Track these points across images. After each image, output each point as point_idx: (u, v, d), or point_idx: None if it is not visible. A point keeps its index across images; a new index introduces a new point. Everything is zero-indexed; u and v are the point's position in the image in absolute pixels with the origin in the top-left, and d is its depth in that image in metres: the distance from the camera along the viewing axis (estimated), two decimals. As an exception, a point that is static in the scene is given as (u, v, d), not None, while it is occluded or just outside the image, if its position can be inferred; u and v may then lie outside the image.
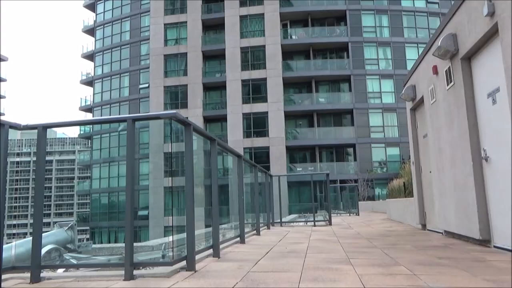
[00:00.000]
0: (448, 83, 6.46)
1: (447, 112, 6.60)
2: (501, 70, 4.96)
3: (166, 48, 35.20)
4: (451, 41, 6.11)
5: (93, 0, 42.61)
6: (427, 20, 34.27)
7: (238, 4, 34.80)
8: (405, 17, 34.18)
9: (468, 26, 5.74)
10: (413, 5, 34.36)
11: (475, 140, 5.64)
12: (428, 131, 7.90)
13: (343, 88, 33.77)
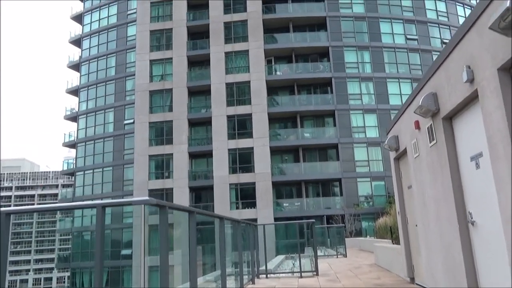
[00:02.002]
0: (431, 140, 6.46)
1: (431, 169, 6.57)
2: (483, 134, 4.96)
3: (152, 84, 35.30)
4: (432, 100, 6.15)
5: (79, 36, 42.86)
6: (407, 55, 35.28)
7: (223, 41, 35.40)
8: (385, 53, 35.15)
9: (448, 88, 5.79)
10: (393, 42, 35.42)
11: (460, 202, 5.58)
12: (412, 183, 7.86)
13: (327, 123, 34.13)
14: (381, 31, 35.49)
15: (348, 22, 35.59)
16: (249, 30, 35.24)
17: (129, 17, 40.55)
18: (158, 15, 37.65)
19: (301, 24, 36.35)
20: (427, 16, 36.48)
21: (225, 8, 36.34)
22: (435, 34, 36.19)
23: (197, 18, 37.16)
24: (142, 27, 36.93)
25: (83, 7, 43.73)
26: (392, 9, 36.17)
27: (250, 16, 35.54)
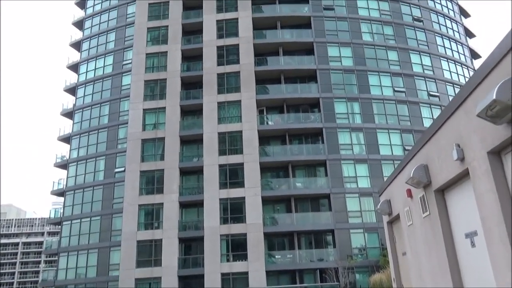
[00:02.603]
0: (424, 211, 6.47)
1: (425, 240, 6.52)
2: (476, 212, 4.97)
3: (144, 133, 35.43)
4: (423, 172, 6.22)
5: (74, 85, 43.42)
6: (396, 107, 36.14)
7: (216, 91, 36.07)
8: (375, 105, 35.98)
9: (439, 162, 5.87)
10: (381, 93, 36.39)
11: (457, 279, 5.49)
12: (407, 250, 7.76)
13: (319, 173, 34.20)
14: (370, 83, 36.55)
15: (338, 74, 36.69)
16: (242, 81, 36.07)
17: (124, 67, 41.36)
18: (153, 65, 38.52)
19: (292, 76, 37.36)
20: (413, 70, 37.82)
21: (218, 60, 37.37)
22: (422, 86, 37.36)
23: (191, 69, 38.05)
24: (137, 77, 37.63)
25: (80, 56, 44.66)
26: (379, 63, 37.49)
27: (243, 68, 36.51)
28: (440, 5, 43.08)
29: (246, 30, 37.93)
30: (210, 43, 37.87)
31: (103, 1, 45.27)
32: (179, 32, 38.93)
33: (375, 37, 38.73)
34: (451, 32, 42.31)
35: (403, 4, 40.58)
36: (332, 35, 38.23)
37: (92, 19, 45.18)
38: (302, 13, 39.18)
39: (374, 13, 39.57)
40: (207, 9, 39.28)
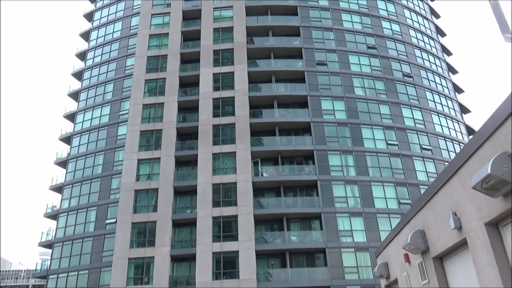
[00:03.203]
0: (423, 278, 6.31)
1: (426, 309, 6.30)
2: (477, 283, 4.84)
3: (138, 183, 35.13)
4: (420, 238, 6.14)
5: (70, 134, 43.57)
6: (389, 160, 36.41)
7: (211, 142, 36.31)
8: (368, 157, 36.25)
9: (436, 229, 5.81)
10: (375, 146, 36.79)
11: None
12: (407, 317, 7.47)
13: (314, 226, 33.69)
14: (363, 136, 37.05)
15: (331, 127, 37.26)
16: (237, 132, 36.45)
17: (121, 117, 41.77)
18: (149, 116, 39.00)
19: (287, 128, 37.87)
20: (405, 123, 38.55)
21: (214, 111, 37.98)
22: (414, 140, 37.91)
23: (187, 120, 38.54)
24: (133, 127, 37.94)
25: (77, 106, 45.20)
26: (372, 116, 38.25)
27: (238, 120, 37.04)
28: (429, 62, 44.79)
29: (241, 83, 38.91)
30: (206, 95, 38.66)
31: (103, 53, 46.57)
32: (176, 84, 39.83)
33: (367, 91, 39.81)
34: (440, 87, 43.69)
35: (393, 61, 42.14)
36: (326, 89, 39.26)
37: (91, 70, 46.26)
38: (296, 67, 40.48)
39: (365, 69, 40.95)
40: (204, 62, 40.51)
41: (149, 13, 44.48)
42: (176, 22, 43.31)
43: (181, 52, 41.54)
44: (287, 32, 42.40)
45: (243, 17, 42.48)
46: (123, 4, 47.56)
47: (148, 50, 42.19)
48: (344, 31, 42.66)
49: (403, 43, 43.79)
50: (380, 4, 45.63)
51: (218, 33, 42.27)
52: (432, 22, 50.09)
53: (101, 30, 47.73)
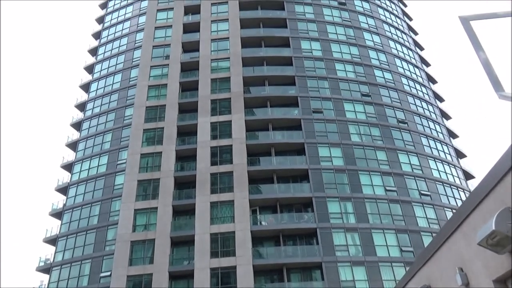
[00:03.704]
0: (433, 337, 6.08)
1: None
2: None
3: (134, 234, 34.48)
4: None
5: (66, 184, 43.29)
6: (389, 206, 36.12)
7: (209, 191, 36.10)
8: (367, 204, 35.98)
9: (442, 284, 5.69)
10: (373, 193, 36.62)
11: None
12: None
13: (315, 276, 32.76)
14: (361, 183, 37.00)
15: (329, 174, 37.29)
16: (235, 181, 36.34)
17: (118, 166, 41.71)
18: (147, 165, 39.03)
19: (285, 176, 37.86)
20: (403, 169, 38.66)
21: (212, 159, 38.10)
22: (412, 185, 37.85)
23: (185, 168, 38.57)
24: (130, 177, 37.82)
25: (75, 156, 45.25)
26: (369, 162, 38.42)
27: (236, 168, 37.08)
28: (422, 108, 45.74)
29: (239, 131, 39.36)
30: (204, 144, 38.95)
31: (102, 104, 47.32)
32: (174, 133, 40.22)
33: (363, 138, 40.27)
34: (435, 133, 44.31)
35: (387, 108, 43.01)
36: (322, 136, 39.70)
37: (90, 120, 46.79)
38: (292, 115, 41.16)
39: (360, 116, 41.69)
40: (201, 112, 41.19)
41: (148, 65, 45.83)
42: (174, 73, 44.52)
43: (179, 102, 42.35)
44: (283, 81, 43.58)
45: (239, 67, 43.77)
46: (123, 57, 49.03)
47: (147, 100, 43.03)
48: (338, 79, 43.87)
49: (396, 90, 44.94)
50: (372, 53, 47.30)
51: (216, 83, 43.36)
52: (423, 70, 51.73)
53: (101, 82, 48.84)
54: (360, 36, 48.32)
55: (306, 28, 47.63)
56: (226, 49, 45.88)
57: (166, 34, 48.53)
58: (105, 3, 57.29)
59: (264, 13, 48.54)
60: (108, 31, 52.95)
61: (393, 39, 50.86)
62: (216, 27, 47.97)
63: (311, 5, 49.73)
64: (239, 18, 47.67)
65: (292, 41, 45.98)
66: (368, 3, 52.54)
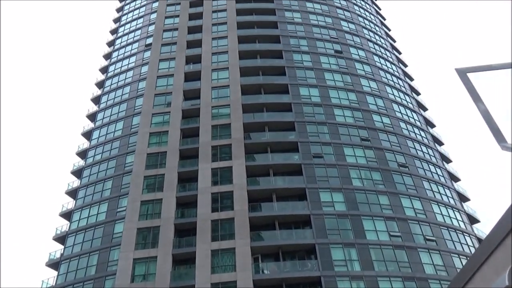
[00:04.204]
0: None
1: None
2: None
3: (132, 285, 33.48)
4: None
5: (65, 233, 42.57)
6: (394, 252, 35.32)
7: (210, 238, 35.45)
8: (372, 250, 35.20)
9: None
10: (377, 239, 35.93)
11: None
12: None
13: (321, 329, 31.39)
14: (365, 228, 36.41)
15: (332, 219, 36.78)
16: (236, 227, 35.79)
17: (118, 214, 41.20)
18: (147, 213, 38.59)
19: (287, 222, 37.33)
20: (406, 214, 38.17)
21: (213, 206, 37.72)
22: (417, 230, 37.21)
23: (185, 215, 38.11)
24: (130, 225, 37.28)
25: (74, 204, 44.84)
26: (372, 207, 38.01)
27: (237, 214, 36.64)
28: (422, 152, 45.92)
29: (240, 177, 39.27)
30: (205, 190, 38.74)
31: (103, 152, 47.53)
32: (174, 180, 40.11)
33: (365, 182, 40.12)
34: (436, 176, 44.18)
35: (387, 152, 43.19)
36: (323, 181, 39.56)
37: (91, 167, 46.80)
38: (293, 161, 41.27)
39: (361, 160, 41.78)
40: (202, 158, 41.32)
41: (150, 112, 46.58)
42: (175, 120, 45.13)
43: (180, 149, 42.60)
44: (283, 127, 44.09)
45: (240, 114, 44.45)
46: (126, 105, 49.89)
47: (148, 147, 43.32)
48: (337, 125, 44.40)
49: (395, 134, 45.35)
50: (369, 99, 48.22)
51: (216, 130, 43.84)
52: (421, 115, 52.48)
53: (103, 129, 49.38)
54: (357, 82, 49.49)
55: (305, 75, 48.88)
56: (226, 96, 46.83)
57: (168, 83, 49.73)
58: (109, 54, 59.16)
59: (263, 62, 50.04)
60: (111, 80, 54.30)
61: (389, 84, 52.06)
62: (217, 75, 49.24)
63: (308, 54, 51.35)
64: (239, 66, 49.05)
65: (291, 87, 47.03)
66: (364, 51, 54.28)
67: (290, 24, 54.65)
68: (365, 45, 55.59)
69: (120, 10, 66.33)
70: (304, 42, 52.62)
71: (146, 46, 54.72)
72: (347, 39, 54.73)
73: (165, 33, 55.38)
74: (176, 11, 58.45)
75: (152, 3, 61.48)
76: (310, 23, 55.34)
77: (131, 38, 58.28)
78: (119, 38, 60.06)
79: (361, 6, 63.79)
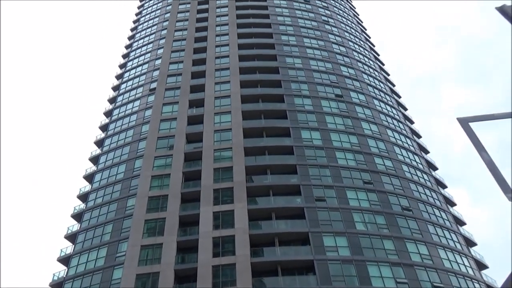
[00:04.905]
0: None
1: None
2: None
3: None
4: None
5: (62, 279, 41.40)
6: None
7: (211, 285, 34.40)
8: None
9: None
10: (383, 285, 34.76)
11: None
12: None
13: None
14: (370, 275, 35.36)
15: (336, 265, 35.82)
16: (238, 274, 34.84)
17: (117, 259, 40.26)
18: (146, 258, 37.75)
19: (290, 267, 36.38)
20: (412, 259, 37.18)
21: (214, 251, 36.93)
22: (424, 277, 36.08)
23: (186, 261, 37.24)
24: (129, 271, 36.36)
25: (73, 249, 43.96)
26: (376, 252, 37.10)
27: (239, 259, 35.80)
28: (426, 195, 45.48)
29: (241, 221, 38.74)
30: (206, 234, 38.08)
31: (105, 195, 47.21)
32: (175, 224, 39.56)
33: (369, 226, 39.47)
34: (441, 220, 43.48)
35: (391, 195, 42.80)
36: (326, 225, 38.95)
37: (91, 211, 46.31)
38: (295, 204, 40.85)
39: (364, 203, 41.31)
40: (204, 201, 40.96)
41: (153, 155, 46.75)
42: (178, 163, 45.18)
43: (181, 192, 42.36)
44: (285, 170, 44.03)
45: (242, 157, 44.56)
46: (128, 148, 50.17)
47: (149, 190, 43.10)
48: (340, 167, 44.33)
49: (398, 177, 45.13)
50: (371, 142, 48.46)
51: (218, 173, 43.77)
52: (422, 157, 52.51)
53: (105, 172, 49.35)
54: (358, 125, 49.97)
55: (306, 118, 49.48)
56: (228, 139, 47.16)
57: (171, 126, 50.31)
58: (114, 98, 60.32)
59: (265, 105, 50.81)
60: (115, 123, 54.98)
61: (390, 127, 52.51)
62: (219, 119, 49.86)
63: (309, 98, 52.24)
64: (241, 110, 49.79)
65: (293, 131, 47.45)
66: (364, 95, 55.24)
67: (291, 69, 56.03)
68: (365, 89, 56.66)
69: (126, 56, 68.39)
70: (305, 86, 53.70)
71: (151, 90, 55.89)
72: (347, 83, 55.88)
73: (169, 78, 56.74)
74: (180, 57, 60.24)
75: (157, 49, 63.48)
76: (311, 68, 56.74)
77: (136, 83, 59.65)
78: (124, 83, 61.49)
79: (360, 52, 65.69)
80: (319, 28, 65.52)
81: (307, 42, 61.74)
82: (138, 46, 67.91)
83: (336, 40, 64.40)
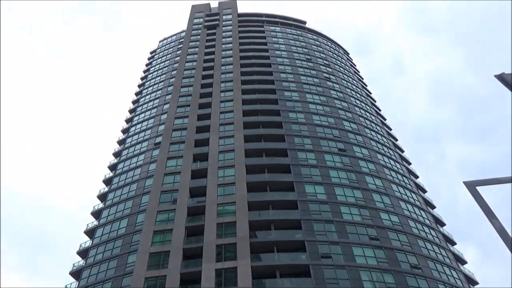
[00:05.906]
0: None
1: None
2: None
3: None
4: None
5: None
6: None
7: None
8: None
9: None
10: None
11: None
12: None
13: None
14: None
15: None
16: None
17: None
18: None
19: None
20: None
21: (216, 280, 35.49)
22: None
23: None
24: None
25: None
26: None
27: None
28: (434, 252, 44.12)
29: (245, 279, 37.39)
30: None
31: (105, 251, 46.18)
32: (176, 282, 38.24)
33: (377, 285, 37.96)
34: (452, 279, 41.82)
35: (398, 252, 41.58)
36: (333, 284, 37.51)
37: (91, 268, 45.04)
38: (300, 261, 39.65)
39: (371, 261, 40.03)
40: (206, 257, 39.85)
41: (156, 210, 46.24)
42: (180, 218, 44.56)
43: (183, 248, 41.37)
44: (289, 225, 43.23)
45: (245, 211, 43.95)
46: (131, 202, 49.81)
47: (151, 246, 42.15)
48: (345, 223, 43.51)
49: (405, 233, 44.08)
50: (376, 196, 47.91)
51: (222, 228, 42.98)
52: (429, 213, 51.62)
53: (106, 227, 48.62)
54: (362, 179, 49.70)
55: (310, 172, 49.37)
56: (232, 193, 46.82)
57: (174, 180, 50.23)
58: (119, 151, 60.89)
59: (268, 160, 50.99)
60: (119, 177, 55.03)
61: (394, 182, 52.15)
62: (223, 173, 49.84)
63: (312, 152, 52.51)
64: (245, 164, 49.89)
65: (297, 185, 47.18)
66: (367, 150, 55.50)
67: (294, 124, 56.86)
68: (368, 143, 57.05)
69: (132, 111, 69.96)
70: (308, 140, 54.19)
71: (155, 144, 56.51)
72: (350, 138, 56.40)
73: (174, 132, 57.55)
74: (185, 112, 61.53)
75: (163, 104, 65.02)
76: (314, 123, 57.58)
77: (142, 137, 60.49)
78: (130, 137, 62.38)
79: (362, 107, 66.97)
80: (321, 84, 67.36)
81: (310, 98, 63.19)
82: (145, 101, 69.70)
83: (338, 95, 65.94)
